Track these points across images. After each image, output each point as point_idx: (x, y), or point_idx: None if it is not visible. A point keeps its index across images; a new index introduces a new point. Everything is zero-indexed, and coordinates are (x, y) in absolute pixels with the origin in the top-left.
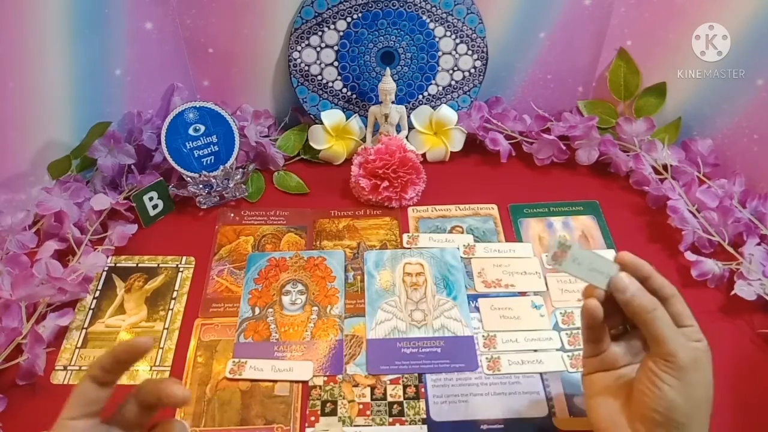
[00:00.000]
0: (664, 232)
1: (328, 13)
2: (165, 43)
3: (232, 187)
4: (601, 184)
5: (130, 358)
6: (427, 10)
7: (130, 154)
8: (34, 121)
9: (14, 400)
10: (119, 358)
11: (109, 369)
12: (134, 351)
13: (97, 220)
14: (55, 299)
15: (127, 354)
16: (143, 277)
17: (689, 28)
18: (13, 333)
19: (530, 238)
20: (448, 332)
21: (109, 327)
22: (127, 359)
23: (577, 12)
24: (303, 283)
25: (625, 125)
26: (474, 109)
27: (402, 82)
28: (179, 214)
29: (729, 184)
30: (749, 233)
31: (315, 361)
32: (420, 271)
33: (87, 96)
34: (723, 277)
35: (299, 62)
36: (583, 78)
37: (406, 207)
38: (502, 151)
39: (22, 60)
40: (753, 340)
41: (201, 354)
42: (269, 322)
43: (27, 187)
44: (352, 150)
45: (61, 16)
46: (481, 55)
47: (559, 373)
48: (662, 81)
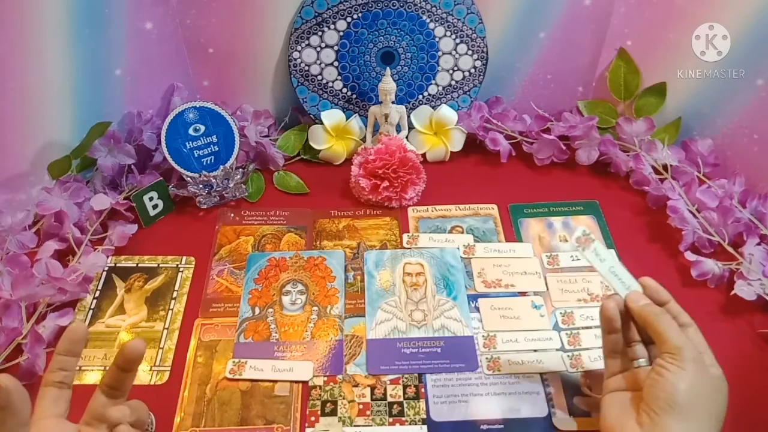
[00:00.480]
0: (664, 232)
1: (328, 13)
2: (165, 43)
3: (232, 187)
4: (601, 184)
5: (128, 365)
6: (427, 10)
7: (130, 154)
8: (34, 121)
9: None
10: (121, 367)
11: (115, 385)
12: (130, 356)
13: (97, 220)
14: (55, 299)
15: (125, 362)
16: (143, 277)
17: (689, 28)
18: (13, 333)
19: (530, 238)
20: (448, 332)
21: (110, 327)
22: (126, 366)
23: (577, 12)
24: (303, 283)
25: (625, 125)
26: (474, 109)
27: (402, 82)
28: (179, 214)
29: (729, 184)
30: (749, 233)
31: (315, 361)
32: (420, 271)
33: (87, 96)
34: (723, 277)
35: (299, 62)
36: (583, 78)
37: (406, 207)
38: (502, 151)
39: (22, 60)
40: (753, 340)
41: (201, 354)
42: (269, 322)
43: (27, 187)
44: (352, 150)
45: (61, 16)
46: (481, 55)
47: (559, 373)
48: (662, 81)
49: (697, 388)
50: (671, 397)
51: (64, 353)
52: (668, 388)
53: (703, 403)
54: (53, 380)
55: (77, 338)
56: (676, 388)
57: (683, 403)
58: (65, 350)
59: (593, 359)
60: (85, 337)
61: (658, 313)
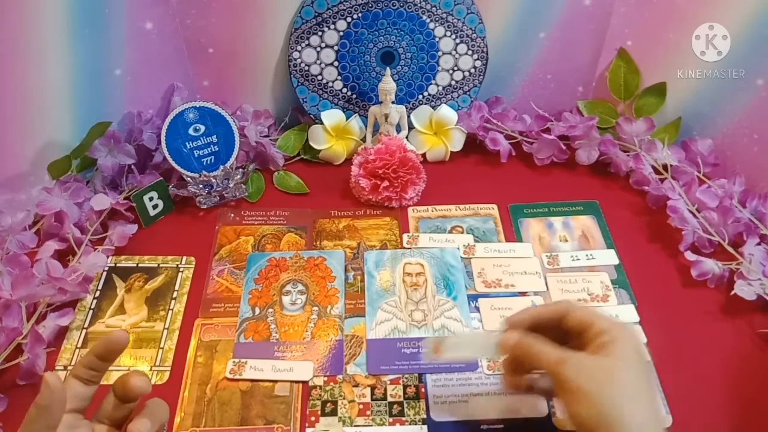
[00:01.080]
0: (664, 232)
1: (328, 13)
2: (165, 43)
3: (232, 187)
4: (601, 184)
5: (108, 354)
6: (427, 10)
7: (130, 154)
8: (34, 121)
9: (14, 400)
10: (99, 355)
11: (92, 366)
12: (111, 347)
13: (97, 220)
14: (55, 299)
15: (105, 350)
16: (143, 277)
17: (689, 28)
18: (13, 333)
19: (530, 238)
20: (449, 332)
21: (110, 327)
22: (105, 355)
23: (577, 12)
24: (303, 283)
25: (625, 125)
26: (474, 109)
27: (402, 82)
28: (179, 214)
29: (729, 184)
30: (749, 233)
31: (315, 361)
32: (420, 271)
33: (87, 96)
34: (723, 277)
35: (299, 62)
36: (583, 78)
37: (406, 207)
38: (502, 151)
39: (22, 60)
40: (753, 340)
41: (201, 354)
42: (269, 322)
43: (27, 187)
44: (352, 150)
45: (61, 16)
46: (481, 55)
47: None
48: (662, 81)
49: (597, 385)
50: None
51: (98, 357)
52: (572, 415)
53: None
54: (81, 375)
55: (116, 348)
56: (578, 413)
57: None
58: (100, 355)
59: None
60: (124, 348)
61: (528, 344)
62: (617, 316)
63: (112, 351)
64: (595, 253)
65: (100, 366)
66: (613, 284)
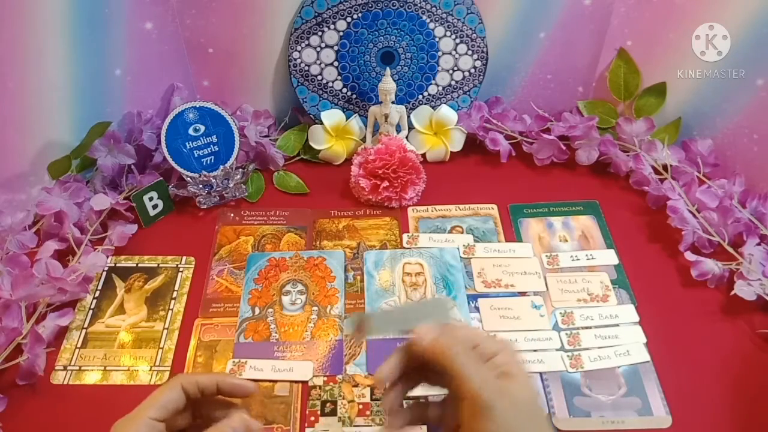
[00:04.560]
0: (664, 232)
1: (328, 13)
2: (165, 43)
3: (232, 187)
4: (601, 184)
5: (229, 394)
6: (427, 10)
7: (130, 154)
8: (34, 121)
9: (14, 400)
10: (222, 390)
11: (204, 391)
12: (236, 391)
13: (97, 220)
14: (55, 299)
15: (229, 390)
16: (143, 277)
17: (689, 28)
18: (13, 333)
19: (530, 238)
20: None
21: (109, 327)
22: (226, 393)
23: (577, 12)
24: (303, 283)
25: (625, 125)
26: (474, 109)
27: (402, 82)
28: (179, 214)
29: (729, 184)
30: (749, 233)
31: (315, 361)
32: (420, 271)
33: (87, 96)
34: (723, 277)
35: (299, 62)
36: (583, 78)
37: (406, 207)
38: (502, 151)
39: (22, 60)
40: (753, 340)
41: (201, 354)
42: (269, 322)
43: (27, 187)
44: (352, 150)
45: (61, 16)
46: (481, 55)
47: (559, 373)
48: (662, 81)
49: None
50: None
51: (219, 389)
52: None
53: None
54: (188, 389)
55: (239, 395)
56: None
57: None
58: (223, 390)
59: (593, 359)
60: (246, 397)
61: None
62: (617, 316)
63: (234, 394)
64: (595, 253)
65: (211, 394)
66: (613, 284)
